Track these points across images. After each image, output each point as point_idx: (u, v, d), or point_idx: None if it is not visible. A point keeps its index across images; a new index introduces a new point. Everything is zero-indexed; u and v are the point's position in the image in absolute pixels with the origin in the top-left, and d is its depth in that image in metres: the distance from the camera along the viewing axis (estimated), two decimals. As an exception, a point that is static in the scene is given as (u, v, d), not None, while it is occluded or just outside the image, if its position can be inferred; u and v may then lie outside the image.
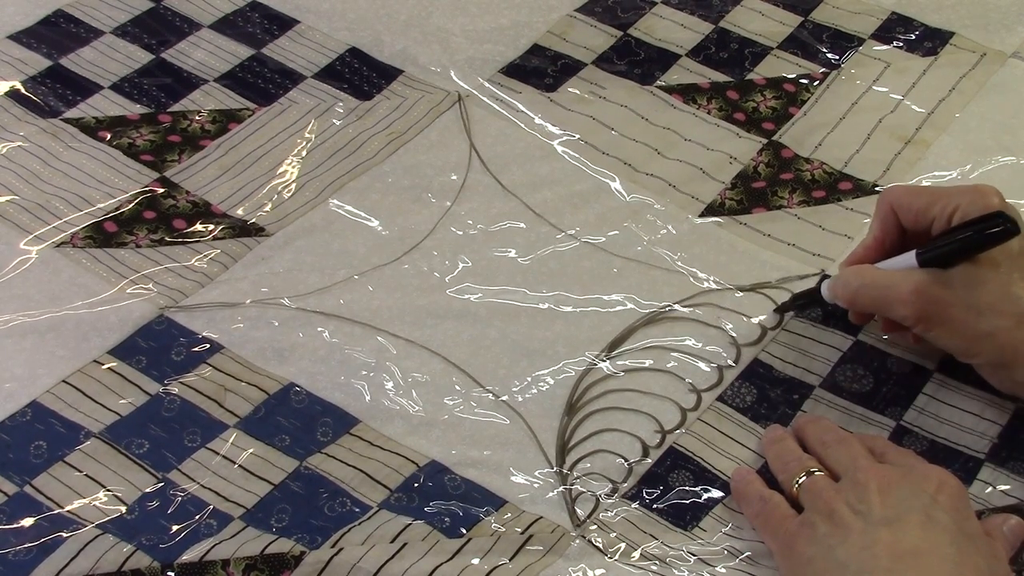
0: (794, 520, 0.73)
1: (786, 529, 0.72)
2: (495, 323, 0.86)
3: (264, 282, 0.89)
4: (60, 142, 0.97)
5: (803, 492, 0.74)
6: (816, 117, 1.02)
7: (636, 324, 0.87)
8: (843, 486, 0.73)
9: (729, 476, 0.78)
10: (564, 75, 1.05)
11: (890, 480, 0.71)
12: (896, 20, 1.11)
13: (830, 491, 0.72)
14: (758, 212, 0.94)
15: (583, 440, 0.80)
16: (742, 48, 1.08)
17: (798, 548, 0.71)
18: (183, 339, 0.85)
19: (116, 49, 1.06)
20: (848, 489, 0.72)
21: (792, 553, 0.71)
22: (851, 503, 0.71)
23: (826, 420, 0.80)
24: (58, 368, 0.83)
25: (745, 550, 0.74)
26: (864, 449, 0.76)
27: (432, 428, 0.80)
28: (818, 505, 0.72)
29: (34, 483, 0.76)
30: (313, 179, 0.96)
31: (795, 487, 0.75)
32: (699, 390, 0.83)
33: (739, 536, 0.75)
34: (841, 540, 0.69)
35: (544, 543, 0.74)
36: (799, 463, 0.76)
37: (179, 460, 0.78)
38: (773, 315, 0.87)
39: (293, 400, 0.82)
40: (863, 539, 0.69)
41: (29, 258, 0.89)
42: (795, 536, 0.72)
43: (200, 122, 1.00)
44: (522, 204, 0.94)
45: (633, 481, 0.78)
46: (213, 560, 0.72)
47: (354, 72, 1.05)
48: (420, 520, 0.75)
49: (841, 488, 0.72)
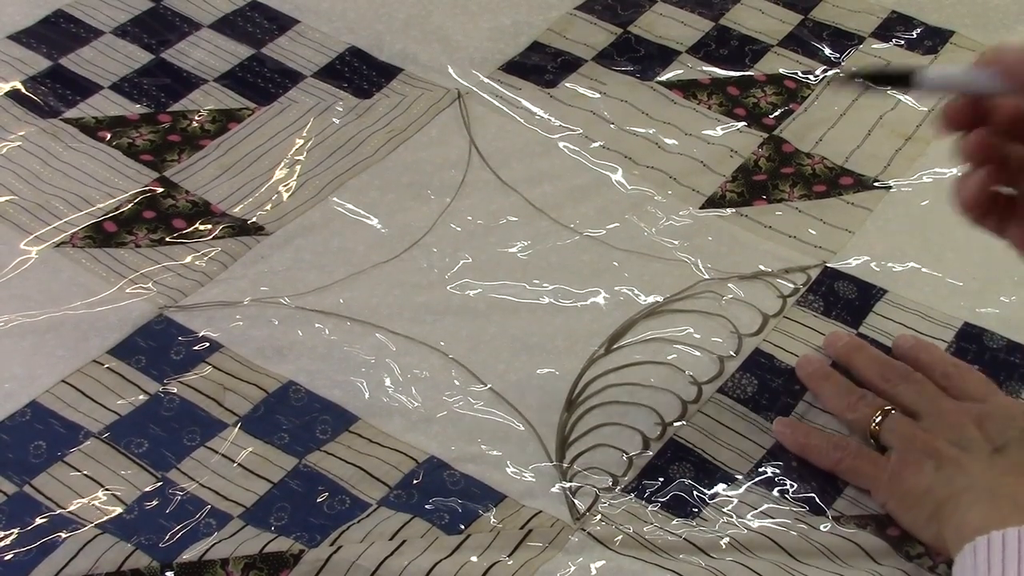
0: (887, 461, 0.74)
1: (884, 469, 0.74)
2: (495, 318, 0.86)
3: (263, 281, 0.89)
4: (60, 142, 0.97)
5: (887, 433, 0.75)
6: (816, 113, 1.01)
7: (637, 316, 0.86)
8: (934, 426, 0.74)
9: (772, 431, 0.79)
10: (564, 71, 1.05)
11: (980, 415, 0.74)
12: (896, 19, 1.10)
13: (921, 432, 0.74)
14: (759, 204, 0.94)
15: (583, 435, 0.80)
16: (742, 45, 1.08)
17: (907, 485, 0.73)
18: (182, 338, 0.85)
19: (116, 49, 1.06)
20: (941, 429, 0.74)
21: (899, 491, 0.73)
22: (952, 440, 0.73)
23: (871, 348, 0.82)
24: (57, 368, 0.82)
25: (747, 541, 0.74)
26: (933, 386, 0.77)
27: (431, 424, 0.80)
28: (914, 444, 0.74)
29: (33, 483, 0.76)
30: (313, 178, 0.96)
31: (874, 426, 0.76)
32: (700, 382, 0.83)
33: (740, 527, 0.75)
34: (956, 470, 0.71)
35: (544, 538, 0.74)
36: (868, 403, 0.77)
37: (178, 459, 0.78)
38: (838, 79, 0.84)
39: (292, 398, 0.82)
40: (980, 464, 0.70)
41: (29, 258, 0.89)
42: (899, 475, 0.73)
43: (200, 122, 1.00)
44: (522, 199, 0.94)
45: (634, 474, 0.78)
46: (212, 559, 0.72)
47: (354, 71, 1.05)
48: (419, 517, 0.75)
49: (931, 428, 0.74)
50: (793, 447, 0.78)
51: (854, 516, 0.75)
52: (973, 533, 0.67)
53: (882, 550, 0.73)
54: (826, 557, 0.73)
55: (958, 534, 0.68)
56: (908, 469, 0.73)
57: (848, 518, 0.75)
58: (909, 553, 0.73)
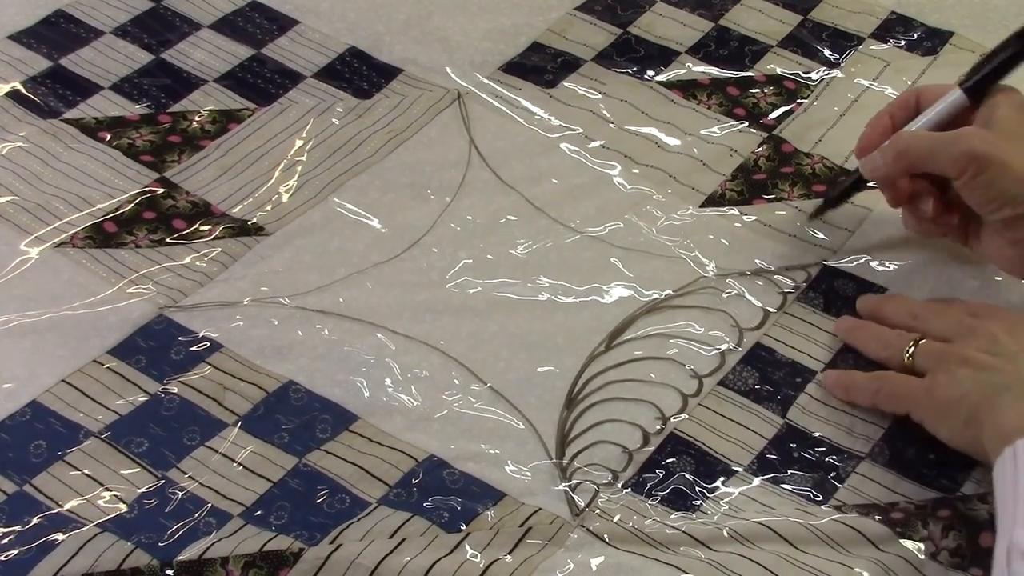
0: (921, 380, 0.76)
1: (919, 386, 0.76)
2: (494, 317, 0.86)
3: (263, 281, 0.89)
4: (60, 143, 0.97)
5: (921, 358, 0.78)
6: (816, 114, 1.01)
7: (637, 313, 0.86)
8: (964, 341, 0.76)
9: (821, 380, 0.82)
10: (564, 72, 1.05)
11: (1009, 325, 0.76)
12: (895, 20, 1.10)
13: (952, 347, 0.76)
14: (759, 203, 0.94)
15: (583, 432, 0.80)
16: (742, 46, 1.08)
17: (941, 394, 0.74)
18: (182, 338, 0.85)
19: (116, 49, 1.06)
20: (972, 342, 0.75)
21: (935, 402, 0.75)
22: (983, 349, 0.74)
23: (900, 296, 0.84)
24: (58, 368, 0.82)
25: (747, 532, 0.74)
26: (960, 311, 0.79)
27: (431, 423, 0.80)
28: (948, 358, 0.75)
29: (34, 482, 0.76)
30: (313, 178, 0.96)
31: (907, 357, 0.78)
32: (700, 375, 0.83)
33: (741, 518, 0.75)
34: (992, 372, 0.72)
35: (543, 535, 0.74)
36: (900, 337, 0.80)
37: (178, 459, 0.78)
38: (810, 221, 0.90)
39: (292, 398, 0.82)
40: (1014, 366, 0.72)
41: (29, 258, 0.89)
42: (933, 388, 0.75)
43: (200, 122, 1.00)
44: (522, 198, 0.94)
45: (633, 469, 0.78)
46: (212, 558, 0.72)
47: (354, 72, 1.05)
48: (419, 515, 0.74)
49: (963, 343, 0.76)
50: (841, 394, 0.81)
51: (856, 504, 0.76)
52: (1013, 434, 0.68)
53: (884, 536, 0.73)
54: (828, 545, 0.73)
55: (996, 435, 0.70)
56: (943, 380, 0.75)
57: (850, 506, 0.75)
58: (912, 538, 0.73)
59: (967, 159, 0.79)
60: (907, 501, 0.76)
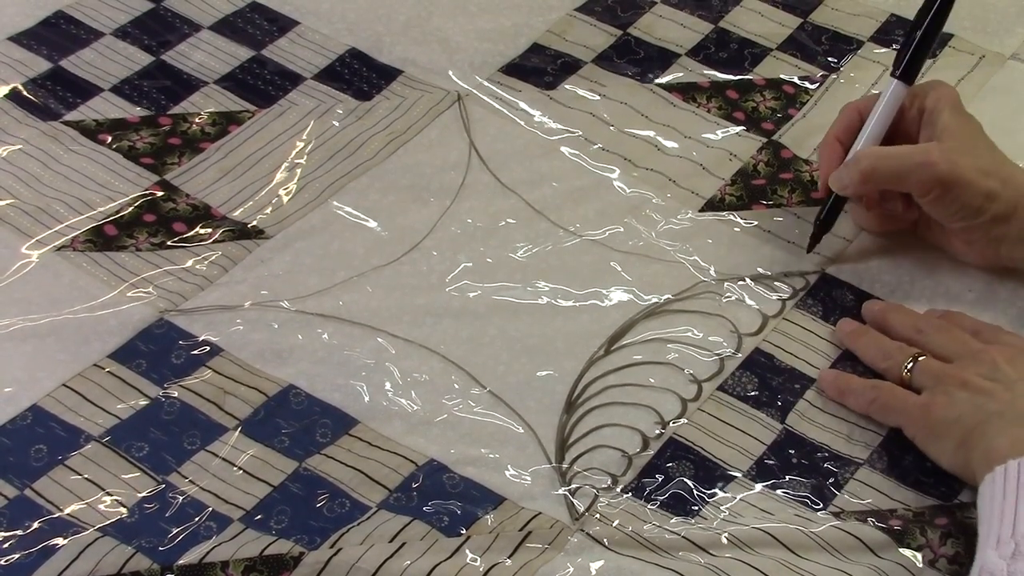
0: (918, 396, 0.77)
1: (915, 403, 0.76)
2: (494, 320, 0.86)
3: (263, 284, 0.89)
4: (60, 145, 0.97)
5: (919, 375, 0.78)
6: (815, 119, 1.01)
7: (636, 317, 0.87)
8: (964, 363, 0.76)
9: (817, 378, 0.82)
10: (564, 73, 1.05)
11: (1011, 353, 0.76)
12: (895, 22, 1.10)
13: (952, 369, 0.77)
14: (758, 208, 0.94)
15: (583, 436, 0.80)
16: (742, 48, 1.08)
17: (937, 414, 0.75)
18: (183, 342, 0.85)
19: (116, 51, 1.06)
20: (971, 365, 0.76)
21: (930, 421, 0.75)
22: (982, 374, 0.75)
23: (905, 307, 0.85)
24: (58, 372, 0.83)
25: (747, 537, 0.74)
26: (963, 332, 0.80)
27: (431, 427, 0.80)
28: (945, 380, 0.76)
29: (34, 486, 0.76)
30: (313, 181, 0.96)
31: (905, 372, 0.78)
32: (700, 380, 0.83)
33: (740, 523, 0.75)
34: (988, 398, 0.73)
35: (543, 539, 0.74)
36: (901, 351, 0.80)
37: (179, 463, 0.78)
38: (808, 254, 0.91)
39: (292, 402, 0.82)
40: (1011, 394, 0.73)
41: (30, 262, 0.89)
42: (929, 407, 0.75)
43: (200, 124, 1.00)
44: (522, 201, 0.94)
45: (633, 474, 0.78)
46: (212, 562, 0.72)
47: (354, 73, 1.05)
48: (419, 519, 0.75)
49: (963, 365, 0.76)
50: (835, 395, 0.81)
51: (855, 511, 0.76)
52: (1001, 458, 0.68)
53: (883, 543, 0.73)
54: (826, 551, 0.73)
55: (985, 459, 0.70)
56: (940, 400, 0.76)
57: (848, 513, 0.76)
58: (910, 545, 0.73)
59: (933, 182, 0.82)
60: (905, 508, 0.76)
